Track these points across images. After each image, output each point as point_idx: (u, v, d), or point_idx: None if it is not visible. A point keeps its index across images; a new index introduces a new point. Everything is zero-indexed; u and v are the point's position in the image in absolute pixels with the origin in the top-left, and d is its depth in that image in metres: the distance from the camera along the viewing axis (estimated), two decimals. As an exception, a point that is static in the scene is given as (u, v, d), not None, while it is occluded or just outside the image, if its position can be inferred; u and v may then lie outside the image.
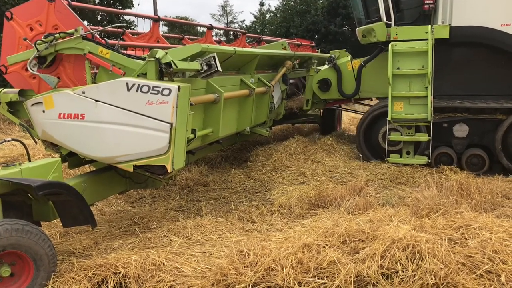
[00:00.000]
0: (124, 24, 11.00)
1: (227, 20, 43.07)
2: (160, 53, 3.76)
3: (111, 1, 18.41)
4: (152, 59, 3.76)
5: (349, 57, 8.01)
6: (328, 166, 6.61)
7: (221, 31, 25.09)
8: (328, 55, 10.54)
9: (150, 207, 5.30)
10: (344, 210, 4.80)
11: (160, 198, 5.67)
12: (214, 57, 4.31)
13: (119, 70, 3.94)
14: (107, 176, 4.21)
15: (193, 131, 4.42)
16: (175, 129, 3.66)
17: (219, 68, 4.31)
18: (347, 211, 4.78)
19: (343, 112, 10.99)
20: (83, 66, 4.06)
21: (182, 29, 29.30)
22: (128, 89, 3.68)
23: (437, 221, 3.82)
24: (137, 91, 3.67)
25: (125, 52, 4.29)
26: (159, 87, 3.63)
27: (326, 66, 8.14)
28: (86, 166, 4.62)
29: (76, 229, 4.39)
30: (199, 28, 32.26)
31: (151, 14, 8.43)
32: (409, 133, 6.66)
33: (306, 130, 10.00)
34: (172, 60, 3.76)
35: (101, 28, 4.40)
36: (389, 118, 6.60)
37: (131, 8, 18.37)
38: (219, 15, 43.64)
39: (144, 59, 3.87)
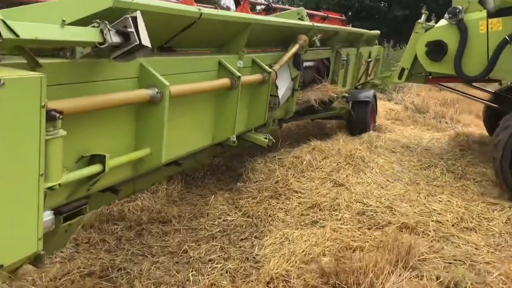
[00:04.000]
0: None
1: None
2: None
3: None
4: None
5: (484, 12, 5.08)
6: (355, 192, 4.44)
7: None
8: (372, 32, 8.27)
9: (60, 268, 3.27)
10: (381, 304, 2.67)
11: (90, 247, 3.64)
12: (134, 19, 2.21)
13: None
14: None
15: (101, 159, 2.35)
16: (-5, 178, 1.58)
17: (145, 42, 2.20)
18: (386, 306, 2.65)
19: (377, 102, 8.70)
20: None
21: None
22: None
23: None
24: None
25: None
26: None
27: (443, 22, 5.37)
28: None
29: None
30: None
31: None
32: None
33: (329, 127, 7.78)
34: (2, 20, 1.66)
35: None
36: None
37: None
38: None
39: None
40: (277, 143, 5.93)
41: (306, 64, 5.73)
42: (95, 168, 2.32)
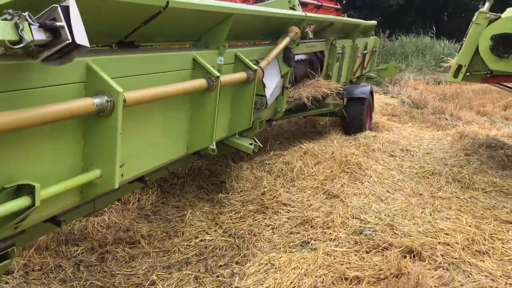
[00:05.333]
0: None
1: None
2: None
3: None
4: None
5: None
6: (351, 206, 3.94)
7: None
8: (368, 22, 7.70)
9: (1, 307, 2.75)
10: None
11: (42, 275, 3.10)
12: (66, 9, 1.66)
13: None
14: None
15: (30, 190, 1.82)
16: None
17: (80, 39, 1.66)
18: None
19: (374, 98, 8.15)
20: None
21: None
22: None
23: None
24: None
25: None
26: None
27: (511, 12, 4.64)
28: None
29: None
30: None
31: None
32: None
33: (322, 124, 7.25)
34: None
35: None
36: None
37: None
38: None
39: None
40: (266, 143, 5.42)
41: (298, 57, 5.20)
42: (21, 202, 1.79)
